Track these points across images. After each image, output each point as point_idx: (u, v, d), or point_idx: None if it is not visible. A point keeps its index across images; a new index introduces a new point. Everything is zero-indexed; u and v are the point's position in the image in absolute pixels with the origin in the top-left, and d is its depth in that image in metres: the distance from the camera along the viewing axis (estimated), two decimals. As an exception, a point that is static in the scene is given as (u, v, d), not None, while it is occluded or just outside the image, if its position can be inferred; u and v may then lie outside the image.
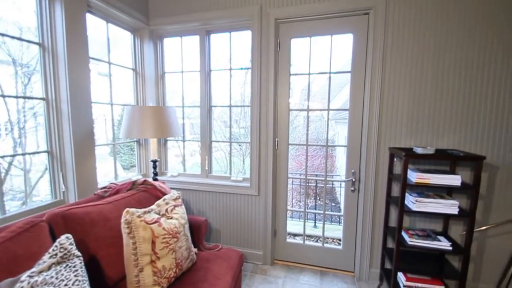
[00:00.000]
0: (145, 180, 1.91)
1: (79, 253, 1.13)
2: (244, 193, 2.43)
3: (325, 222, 2.46)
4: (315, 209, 5.38)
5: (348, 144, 2.22)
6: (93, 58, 2.03)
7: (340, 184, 4.63)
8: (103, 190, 1.74)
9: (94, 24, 2.06)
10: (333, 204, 6.29)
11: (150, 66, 2.58)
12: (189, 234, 1.63)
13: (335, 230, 3.81)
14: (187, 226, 1.62)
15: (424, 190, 1.90)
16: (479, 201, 1.92)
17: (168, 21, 2.45)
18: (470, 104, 1.88)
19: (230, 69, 2.51)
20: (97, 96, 2.10)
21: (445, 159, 1.72)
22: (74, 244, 1.14)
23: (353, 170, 2.22)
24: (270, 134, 2.30)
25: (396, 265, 1.84)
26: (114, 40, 2.30)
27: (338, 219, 4.36)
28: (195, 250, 1.70)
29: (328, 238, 3.37)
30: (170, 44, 2.67)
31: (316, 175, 5.88)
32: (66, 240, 1.11)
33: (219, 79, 2.67)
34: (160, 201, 1.58)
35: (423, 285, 1.83)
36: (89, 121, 1.90)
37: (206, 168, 2.60)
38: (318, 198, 5.92)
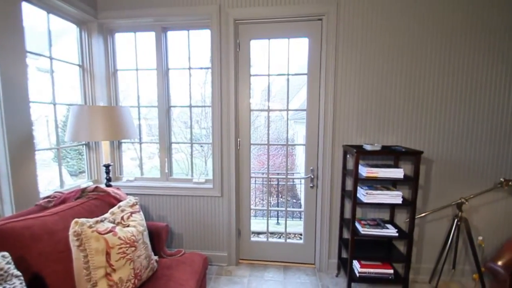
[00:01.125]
0: (96, 187, 1.76)
1: (18, 273, 1.00)
2: (207, 195, 2.40)
3: (287, 219, 2.55)
4: (278, 206, 5.52)
5: (307, 143, 2.33)
6: (31, 52, 1.81)
7: (300, 181, 4.84)
8: (46, 200, 1.56)
9: (32, 15, 1.83)
10: (294, 200, 6.53)
11: (100, 63, 2.38)
12: (148, 242, 1.55)
13: (297, 226, 3.96)
14: (146, 233, 1.54)
15: (373, 183, 2.09)
16: (419, 191, 2.17)
17: (119, 14, 2.29)
18: (410, 106, 2.12)
19: (190, 68, 2.44)
20: (36, 95, 1.87)
21: (390, 155, 1.92)
22: (12, 263, 1.00)
23: (311, 168, 2.33)
24: (232, 135, 2.30)
25: (352, 254, 1.99)
26: (56, 33, 2.07)
27: (299, 215, 4.54)
28: (156, 257, 1.62)
29: (290, 233, 3.49)
30: (123, 39, 2.50)
31: (278, 174, 6.04)
32: (1, 259, 0.97)
33: (178, 78, 2.58)
34: (114, 209, 1.47)
35: (375, 270, 2.01)
36: (27, 123, 1.69)
37: (166, 171, 2.49)
38: (280, 195, 6.09)
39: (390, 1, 2.04)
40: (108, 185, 2.07)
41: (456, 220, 1.97)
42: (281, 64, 2.33)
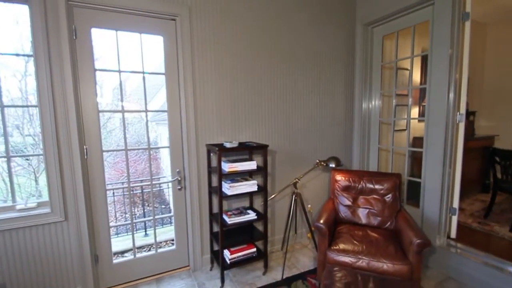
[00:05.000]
0: None
1: None
2: (43, 223, 1.84)
3: (157, 227, 2.39)
4: (145, 216, 5.05)
5: (171, 145, 2.26)
6: None
7: (168, 185, 4.64)
8: None
9: None
10: (163, 206, 6.18)
11: None
12: None
13: (168, 232, 3.80)
14: None
15: (235, 177, 2.34)
16: (269, 178, 2.63)
17: None
18: (256, 107, 2.51)
19: (-6, 55, 1.76)
20: None
21: (245, 150, 2.21)
22: None
23: (178, 170, 2.30)
24: (74, 141, 1.88)
25: (222, 244, 2.14)
26: None
27: (170, 220, 4.36)
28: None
29: (161, 242, 3.30)
30: None
31: (142, 181, 5.50)
32: None
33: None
34: None
35: (242, 252, 2.26)
36: None
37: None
38: (146, 204, 5.60)
39: (238, 8, 2.32)
40: None
41: (293, 195, 2.54)
42: (135, 61, 2.13)
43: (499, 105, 4.50)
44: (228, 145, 2.12)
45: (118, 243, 3.51)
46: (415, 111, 3.62)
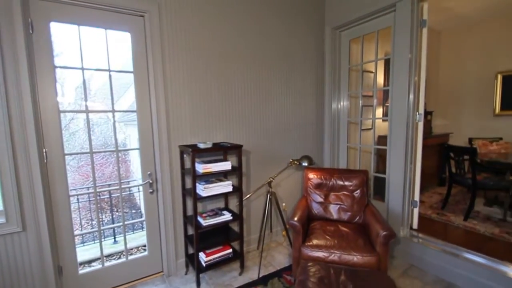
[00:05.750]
0: None
1: None
2: (-7, 235, 1.67)
3: (127, 233, 2.28)
4: (113, 222, 4.79)
5: (141, 147, 2.18)
6: None
7: (138, 189, 4.45)
8: None
9: None
10: (133, 211, 5.91)
11: None
12: None
13: (140, 237, 3.64)
14: None
15: (209, 178, 2.31)
16: (243, 178, 2.63)
17: None
18: (230, 107, 2.51)
19: None
20: None
21: (219, 150, 2.19)
22: None
23: (149, 172, 2.21)
24: (32, 144, 1.73)
25: (197, 247, 2.10)
26: None
27: (141, 225, 4.18)
28: None
29: (132, 249, 3.16)
30: None
31: (109, 185, 5.21)
32: None
33: None
34: None
35: (218, 254, 2.24)
36: None
37: None
38: (115, 209, 5.32)
39: (210, 9, 2.30)
40: None
41: (268, 195, 2.58)
42: (101, 58, 2.02)
43: (452, 105, 4.96)
44: (202, 146, 2.09)
45: (85, 252, 3.30)
46: (379, 111, 3.86)
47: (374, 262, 1.88)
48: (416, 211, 2.54)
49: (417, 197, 2.52)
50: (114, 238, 3.82)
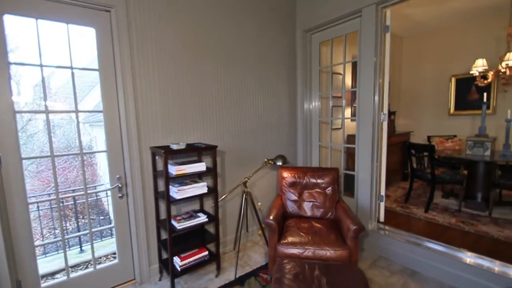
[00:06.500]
0: None
1: None
2: None
3: (95, 241, 2.15)
4: (79, 230, 4.49)
5: (109, 149, 2.07)
6: None
7: (107, 193, 4.22)
8: None
9: None
10: (101, 217, 5.58)
11: None
12: None
13: (109, 245, 3.46)
14: None
15: (183, 179, 2.25)
16: (218, 178, 2.62)
17: None
18: (204, 107, 2.47)
19: None
20: None
21: (193, 151, 2.16)
22: None
23: (118, 176, 2.11)
24: (-19, 149, 1.57)
25: (171, 251, 2.05)
26: None
27: (110, 232, 3.97)
28: None
29: (101, 257, 2.99)
30: None
31: (74, 191, 4.88)
32: None
33: None
34: None
35: (194, 257, 2.20)
36: None
37: None
38: (81, 216, 5.00)
39: (183, 7, 2.24)
40: None
41: (244, 195, 2.59)
42: (63, 55, 1.88)
43: (413, 106, 5.35)
44: (175, 147, 2.04)
45: (47, 264, 3.06)
46: (348, 112, 4.05)
47: (345, 256, 1.97)
48: (382, 205, 2.71)
49: (383, 192, 2.68)
50: (80, 247, 3.58)
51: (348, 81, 3.80)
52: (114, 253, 2.31)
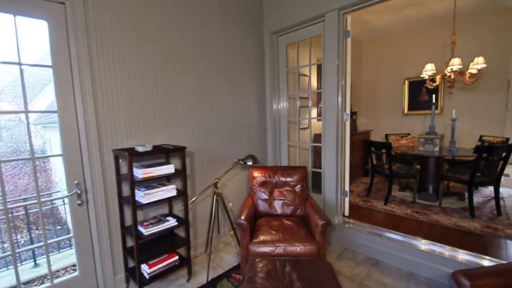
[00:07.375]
0: None
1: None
2: None
3: (51, 254, 1.97)
4: (32, 243, 4.07)
5: (65, 152, 1.91)
6: None
7: (64, 201, 3.88)
8: None
9: None
10: (58, 227, 5.11)
11: None
12: None
13: (68, 257, 3.19)
14: None
15: (150, 183, 2.17)
16: (188, 180, 2.56)
17: None
18: (171, 108, 2.40)
19: None
20: None
21: (160, 153, 2.08)
22: None
23: (76, 181, 1.96)
24: None
25: (138, 259, 1.95)
26: None
27: (69, 242, 3.66)
28: None
29: (59, 270, 2.75)
30: None
31: (25, 199, 4.41)
32: None
33: None
34: None
35: (163, 263, 2.12)
36: None
37: None
38: (34, 227, 4.53)
39: (148, 3, 2.15)
40: None
41: (215, 196, 2.56)
42: (9, 49, 1.69)
43: (372, 106, 5.75)
44: (140, 149, 1.95)
45: (-7, 282, 2.72)
46: (314, 112, 4.21)
47: (314, 250, 2.05)
48: (347, 200, 2.87)
49: (347, 188, 2.84)
50: (35, 260, 3.25)
51: (314, 82, 3.95)
52: (74, 265, 2.14)
